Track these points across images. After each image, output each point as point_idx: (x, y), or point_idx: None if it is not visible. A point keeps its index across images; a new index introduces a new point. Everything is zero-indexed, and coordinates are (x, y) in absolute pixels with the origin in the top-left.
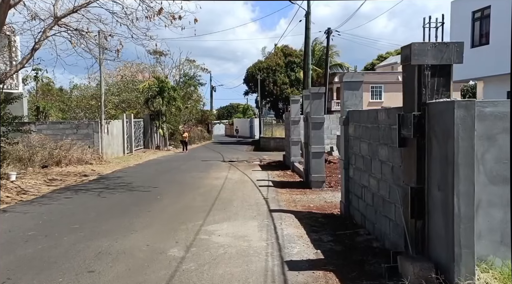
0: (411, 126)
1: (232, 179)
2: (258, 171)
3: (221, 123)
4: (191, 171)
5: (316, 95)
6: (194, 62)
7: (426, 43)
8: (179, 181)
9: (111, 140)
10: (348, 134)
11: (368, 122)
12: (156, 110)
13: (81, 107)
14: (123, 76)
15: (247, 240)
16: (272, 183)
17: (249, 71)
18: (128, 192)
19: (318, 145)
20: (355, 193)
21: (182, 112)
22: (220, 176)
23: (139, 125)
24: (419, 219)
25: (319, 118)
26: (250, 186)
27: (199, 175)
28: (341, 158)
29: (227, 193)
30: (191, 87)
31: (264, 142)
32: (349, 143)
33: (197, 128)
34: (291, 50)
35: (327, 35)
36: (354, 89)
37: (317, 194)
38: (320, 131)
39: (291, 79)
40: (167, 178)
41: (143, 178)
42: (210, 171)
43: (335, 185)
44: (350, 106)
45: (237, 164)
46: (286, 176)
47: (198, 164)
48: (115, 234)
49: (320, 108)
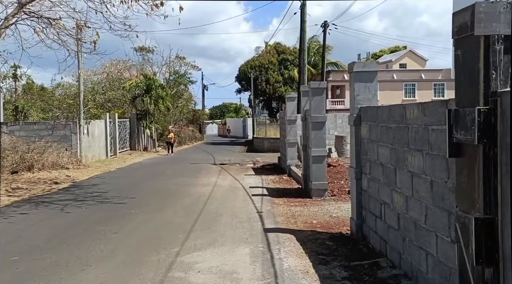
0: (475, 128)
1: (222, 186)
2: (251, 176)
3: (214, 123)
4: (177, 177)
5: (316, 91)
6: (184, 59)
7: (497, 2)
8: (161, 189)
9: (92, 142)
10: (360, 136)
11: (391, 122)
12: (143, 110)
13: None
14: (109, 73)
15: (236, 279)
16: (266, 190)
17: (241, 69)
18: (99, 204)
19: (319, 147)
20: (370, 209)
21: (172, 111)
22: (209, 182)
23: (124, 126)
24: (488, 266)
25: (320, 117)
26: (241, 194)
27: (185, 181)
28: (352, 165)
29: (215, 204)
30: (181, 85)
31: (258, 143)
32: (362, 147)
33: (188, 128)
34: (284, 47)
35: (324, 28)
36: (367, 81)
37: (319, 205)
38: (321, 132)
39: (285, 77)
40: (149, 185)
41: (121, 186)
42: (198, 176)
43: (339, 193)
44: (362, 102)
45: (228, 167)
46: (282, 182)
47: (186, 168)
48: (61, 270)
49: (321, 106)
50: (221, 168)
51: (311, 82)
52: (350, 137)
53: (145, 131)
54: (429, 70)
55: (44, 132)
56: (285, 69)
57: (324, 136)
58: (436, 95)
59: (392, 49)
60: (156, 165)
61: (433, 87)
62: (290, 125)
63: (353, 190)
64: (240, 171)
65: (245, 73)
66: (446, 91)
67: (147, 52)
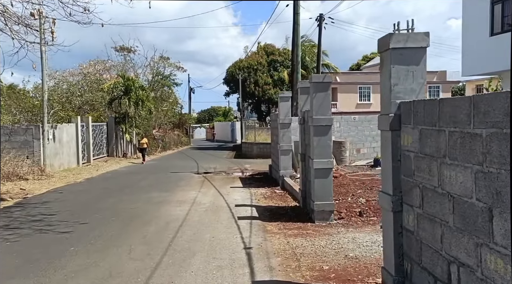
0: None
1: (202, 204)
2: (238, 189)
3: (202, 127)
4: (150, 190)
5: (320, 86)
6: (168, 60)
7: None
8: (126, 209)
9: (60, 149)
10: (400, 147)
11: (478, 124)
12: (122, 113)
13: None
14: (86, 74)
15: None
16: (256, 210)
17: (229, 71)
18: (34, 235)
19: (324, 157)
20: (423, 264)
21: (155, 115)
22: (186, 198)
23: (101, 130)
24: None
25: (325, 120)
26: (225, 217)
27: (158, 197)
28: (385, 190)
29: (188, 234)
30: (164, 87)
31: (246, 148)
32: (404, 164)
33: (173, 132)
34: (273, 48)
35: (319, 22)
36: (410, 63)
37: (327, 235)
38: (326, 138)
39: (274, 79)
40: (112, 203)
41: (77, 204)
42: (175, 190)
43: (348, 216)
44: (403, 94)
45: (213, 177)
46: (275, 198)
47: (164, 178)
48: None
49: (326, 105)
50: (204, 178)
51: (314, 75)
52: (381, 147)
53: (124, 136)
54: None
55: None
56: (275, 71)
57: (330, 143)
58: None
59: None
60: (132, 174)
61: (428, 89)
62: (283, 130)
63: (388, 227)
64: (226, 182)
65: (233, 75)
66: (441, 93)
67: (129, 52)
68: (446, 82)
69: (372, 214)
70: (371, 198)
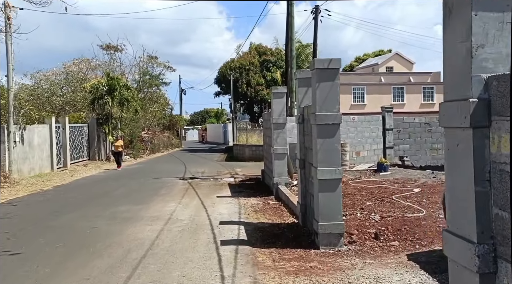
0: None
1: (179, 221)
2: (225, 198)
3: (195, 129)
4: (123, 201)
5: (325, 73)
6: (156, 59)
7: None
8: (83, 229)
9: (30, 153)
10: (489, 157)
11: None
12: (105, 114)
13: None
14: (69, 73)
15: None
16: (245, 230)
17: (220, 71)
18: None
19: (331, 165)
20: None
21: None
22: (162, 212)
23: (81, 132)
24: None
25: (332, 117)
26: (204, 241)
27: (129, 211)
28: (458, 231)
29: (150, 271)
30: (153, 87)
31: (238, 150)
32: (500, 187)
33: (163, 134)
34: (265, 48)
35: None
36: (505, 8)
37: (338, 272)
38: (333, 140)
39: (267, 79)
40: (70, 220)
41: (27, 221)
42: (153, 200)
43: (361, 239)
44: (493, 63)
45: (199, 183)
46: (269, 211)
47: (144, 185)
48: None
49: (333, 98)
50: (189, 184)
51: (317, 60)
52: (448, 156)
53: (107, 138)
54: (418, 73)
55: None
56: (267, 71)
57: (337, 147)
58: (425, 99)
59: (376, 53)
60: (109, 180)
61: (422, 91)
62: (277, 131)
63: None
64: (213, 190)
65: (225, 76)
66: (435, 95)
67: (116, 51)
68: (440, 83)
69: (392, 236)
70: (385, 213)
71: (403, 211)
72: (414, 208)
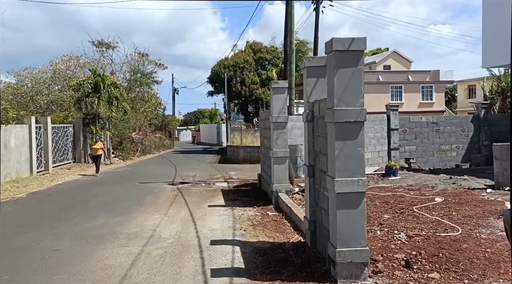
0: None
1: (162, 240)
2: (218, 208)
3: (188, 129)
4: (98, 213)
5: (347, 57)
6: (147, 56)
7: None
8: (41, 252)
9: (6, 155)
10: None
11: None
12: (92, 113)
13: None
14: (56, 71)
15: None
16: (242, 253)
17: (214, 70)
18: None
19: (353, 175)
20: None
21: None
22: (144, 227)
23: (65, 133)
24: None
25: (355, 113)
26: (190, 271)
27: (103, 227)
28: None
29: None
30: (143, 86)
31: (232, 152)
32: None
33: (154, 135)
34: (260, 46)
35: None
36: None
37: None
38: (355, 143)
39: (262, 78)
40: (30, 240)
41: None
42: (133, 211)
43: (388, 268)
44: None
45: (189, 188)
46: (269, 225)
47: (128, 192)
48: None
49: (357, 88)
50: (179, 191)
51: (335, 39)
52: None
53: (94, 139)
54: (416, 72)
55: None
56: (263, 70)
57: (362, 152)
58: (424, 99)
59: (373, 51)
60: (91, 186)
61: (421, 89)
62: (277, 131)
63: None
64: (204, 197)
65: (218, 74)
66: (434, 94)
67: (108, 48)
68: (440, 82)
69: (428, 265)
70: (410, 229)
71: (433, 227)
72: (445, 224)
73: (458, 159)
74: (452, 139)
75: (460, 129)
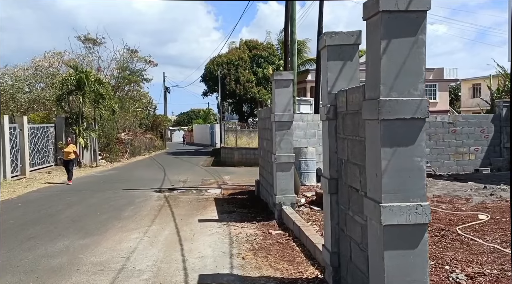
0: None
1: (135, 275)
2: (210, 224)
3: (181, 129)
4: (64, 232)
5: (402, 22)
6: (136, 53)
7: None
8: None
9: None
10: None
11: None
12: (75, 112)
13: None
14: (37, 68)
15: None
16: None
17: (207, 68)
18: None
19: (410, 198)
20: None
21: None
22: (113, 255)
23: (46, 134)
24: None
25: (414, 105)
26: None
27: (64, 253)
28: None
29: None
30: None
31: (226, 154)
32: None
33: (144, 136)
34: (256, 43)
35: None
36: None
37: None
38: (412, 150)
39: (258, 76)
40: None
41: None
42: (108, 229)
43: None
44: None
45: (178, 197)
46: (273, 251)
47: (105, 202)
48: None
49: (416, 68)
50: (166, 200)
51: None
52: None
53: (77, 140)
54: None
55: None
56: (258, 67)
57: (421, 165)
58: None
59: None
60: (67, 193)
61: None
62: (281, 132)
63: None
64: (195, 208)
65: (212, 72)
66: (438, 93)
67: (94, 44)
68: (443, 80)
69: None
70: (465, 264)
71: (495, 261)
72: (509, 256)
73: (476, 162)
74: (470, 141)
75: (479, 130)
